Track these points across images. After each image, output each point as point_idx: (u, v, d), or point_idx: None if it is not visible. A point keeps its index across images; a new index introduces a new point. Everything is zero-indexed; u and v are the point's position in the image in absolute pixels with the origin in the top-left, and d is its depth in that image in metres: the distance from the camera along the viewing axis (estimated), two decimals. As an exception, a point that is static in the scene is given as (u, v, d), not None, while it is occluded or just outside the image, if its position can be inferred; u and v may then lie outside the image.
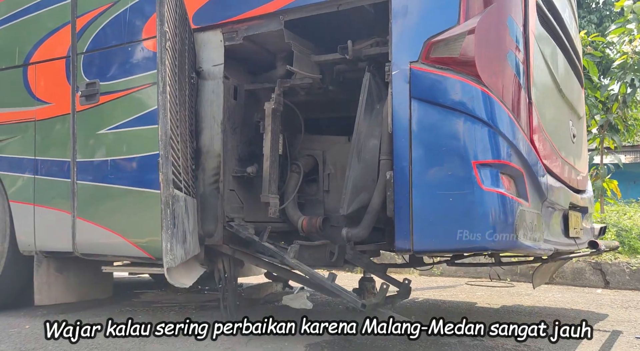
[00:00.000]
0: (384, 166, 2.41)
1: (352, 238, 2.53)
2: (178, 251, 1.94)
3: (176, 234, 1.91)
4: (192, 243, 2.41)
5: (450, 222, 2.11)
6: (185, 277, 2.15)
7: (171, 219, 1.85)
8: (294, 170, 3.12)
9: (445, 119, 2.16)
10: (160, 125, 1.96)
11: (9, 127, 3.49)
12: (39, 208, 3.33)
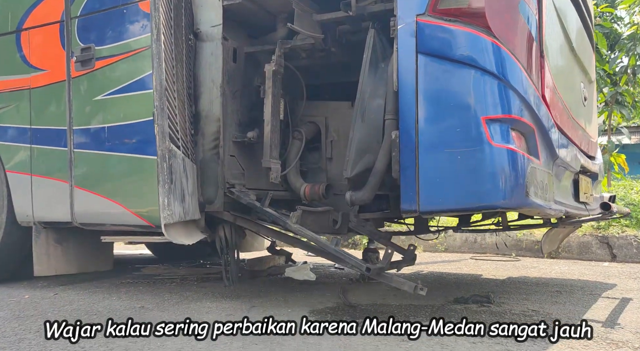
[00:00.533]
0: (389, 126, 2.32)
1: (356, 202, 2.45)
2: (176, 208, 1.87)
3: (174, 191, 1.84)
4: (192, 206, 2.34)
5: (458, 180, 2.03)
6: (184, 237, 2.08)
7: (168, 174, 1.77)
8: (296, 137, 3.04)
9: (454, 73, 2.07)
10: (155, 75, 1.88)
11: (4, 96, 3.41)
12: (36, 178, 3.26)
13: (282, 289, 3.24)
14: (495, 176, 1.96)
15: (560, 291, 3.17)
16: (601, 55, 6.16)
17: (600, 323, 2.30)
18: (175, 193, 1.88)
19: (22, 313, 2.52)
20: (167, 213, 1.78)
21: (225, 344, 1.91)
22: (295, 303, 2.72)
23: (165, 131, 1.81)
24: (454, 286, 3.36)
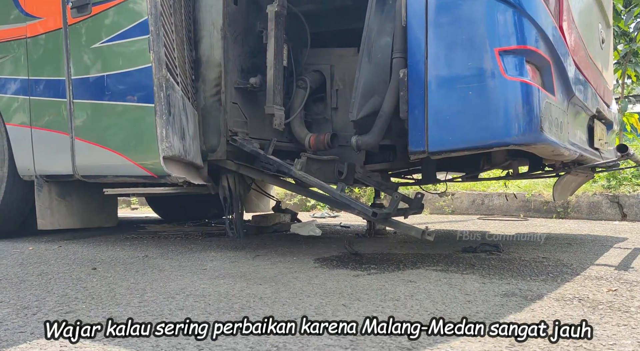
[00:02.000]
0: (397, 64, 2.22)
1: (362, 146, 2.37)
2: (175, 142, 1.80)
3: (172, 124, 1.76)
4: (194, 148, 2.26)
5: (469, 117, 1.94)
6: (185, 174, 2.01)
7: (165, 105, 1.69)
8: (300, 85, 2.94)
9: (466, 2, 1.95)
10: None
11: (0, 47, 3.32)
12: (36, 131, 3.20)
13: (288, 242, 3.21)
14: (508, 110, 1.87)
15: (570, 243, 3.11)
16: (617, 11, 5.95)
17: (614, 267, 2.24)
18: (174, 127, 1.81)
19: (25, 261, 2.50)
20: (166, 145, 1.71)
21: (230, 285, 1.87)
22: (300, 253, 2.68)
23: (161, 58, 1.72)
24: (462, 241, 3.30)
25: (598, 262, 2.39)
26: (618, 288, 1.81)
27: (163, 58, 1.74)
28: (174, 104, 1.82)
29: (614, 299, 1.64)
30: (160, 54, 1.72)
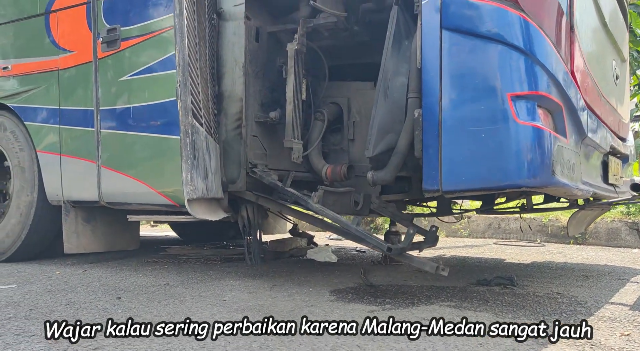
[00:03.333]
0: (412, 104, 2.29)
1: (378, 181, 2.44)
2: (199, 184, 1.89)
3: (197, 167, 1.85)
4: (215, 184, 2.36)
5: (482, 159, 1.99)
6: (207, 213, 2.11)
7: (191, 149, 1.79)
8: (318, 118, 3.03)
9: (480, 49, 2.02)
10: (178, 50, 1.89)
11: (34, 77, 3.49)
12: (65, 158, 3.34)
13: (304, 270, 3.27)
14: (520, 154, 1.92)
15: (586, 275, 3.11)
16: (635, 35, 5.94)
17: (629, 307, 2.25)
18: (198, 169, 1.90)
19: (53, 287, 2.60)
20: (190, 188, 1.80)
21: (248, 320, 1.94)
22: (316, 283, 2.74)
23: (188, 106, 1.83)
24: (477, 270, 3.33)
25: (613, 300, 2.40)
26: (631, 332, 1.83)
27: (189, 106, 1.84)
28: (198, 147, 1.92)
29: (626, 345, 1.67)
30: (187, 102, 1.82)
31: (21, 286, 2.62)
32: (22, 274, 3.03)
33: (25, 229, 3.44)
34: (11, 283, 2.71)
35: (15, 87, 3.57)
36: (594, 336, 1.74)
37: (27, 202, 3.46)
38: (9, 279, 2.85)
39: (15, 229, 3.46)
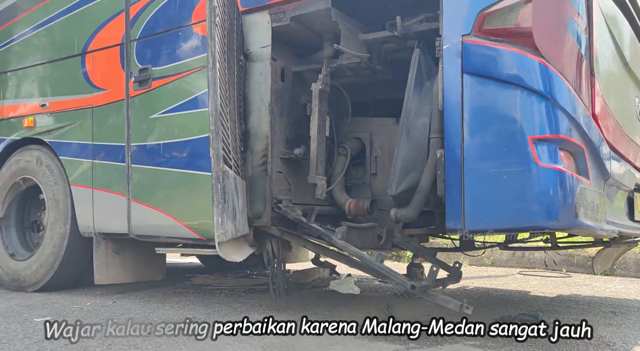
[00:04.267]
0: (434, 144, 2.35)
1: (401, 219, 2.48)
2: (228, 227, 1.97)
3: (226, 210, 1.93)
4: (242, 222, 2.43)
5: (505, 200, 2.02)
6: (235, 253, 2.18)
7: (222, 194, 1.87)
8: (341, 153, 3.10)
9: (500, 93, 2.07)
10: (211, 101, 1.99)
11: (70, 114, 3.65)
12: (97, 191, 3.47)
13: (327, 302, 3.29)
14: (542, 196, 1.95)
15: (614, 311, 3.06)
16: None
17: (657, 349, 2.22)
18: (227, 212, 1.98)
19: (85, 319, 2.68)
20: (221, 231, 1.88)
21: None
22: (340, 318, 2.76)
23: (219, 153, 1.92)
24: (501, 303, 3.30)
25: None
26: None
27: (221, 153, 1.93)
28: (228, 191, 2.01)
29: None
30: (219, 150, 1.91)
31: (54, 318, 2.71)
32: (55, 305, 3.13)
33: (58, 260, 3.56)
34: (45, 316, 2.80)
35: (51, 124, 3.74)
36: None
37: (60, 234, 3.58)
38: (43, 311, 2.95)
39: (49, 260, 3.58)
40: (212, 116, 1.96)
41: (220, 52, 2.14)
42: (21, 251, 3.90)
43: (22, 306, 3.12)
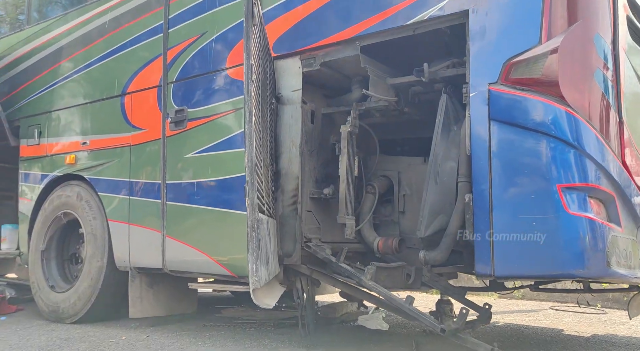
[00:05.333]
0: (462, 188, 2.38)
1: (430, 262, 2.50)
2: (262, 273, 2.03)
3: (260, 257, 2.00)
4: (274, 264, 2.50)
5: (534, 247, 2.03)
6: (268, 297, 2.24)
7: (256, 242, 1.94)
8: (369, 191, 3.15)
9: (527, 141, 2.10)
10: (247, 152, 2.08)
11: (109, 152, 3.82)
12: (133, 227, 3.60)
13: (356, 339, 3.31)
14: (573, 244, 1.95)
15: (652, 355, 2.98)
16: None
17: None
18: (261, 258, 2.05)
19: (120, 355, 2.77)
20: (255, 278, 1.95)
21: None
22: (369, 358, 2.78)
23: (254, 203, 2.00)
24: (533, 344, 3.25)
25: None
26: None
27: (256, 202, 2.01)
28: (262, 237, 2.08)
29: None
30: (254, 199, 2.00)
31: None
32: (91, 338, 3.23)
33: (95, 293, 3.68)
34: (85, 350, 2.90)
35: (91, 161, 3.92)
36: None
37: (97, 267, 3.71)
38: (81, 345, 3.06)
39: (86, 293, 3.71)
40: (248, 167, 2.05)
41: (256, 105, 2.24)
42: (60, 283, 4.04)
43: (62, 339, 3.23)
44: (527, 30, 2.16)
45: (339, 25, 2.76)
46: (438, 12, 2.42)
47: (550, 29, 2.12)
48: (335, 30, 2.78)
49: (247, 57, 2.10)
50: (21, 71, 4.62)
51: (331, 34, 2.80)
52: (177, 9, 3.51)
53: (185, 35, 3.45)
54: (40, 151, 4.34)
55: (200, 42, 3.36)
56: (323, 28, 2.83)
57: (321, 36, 2.84)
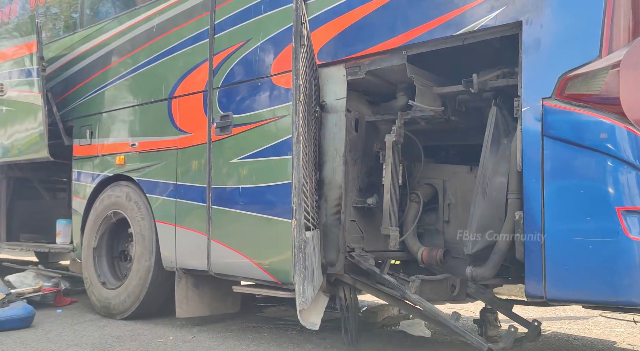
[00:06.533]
0: (512, 205, 2.31)
1: (477, 278, 2.46)
2: (308, 292, 2.04)
3: (307, 276, 2.01)
4: (318, 277, 2.51)
5: (590, 271, 1.96)
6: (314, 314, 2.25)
7: (303, 262, 1.95)
8: (413, 199, 3.11)
9: (584, 160, 2.01)
10: (294, 173, 2.09)
11: (156, 155, 3.92)
12: (179, 229, 3.69)
13: (399, 347, 3.29)
14: (634, 271, 1.87)
15: None
16: None
17: None
18: (308, 278, 2.06)
19: (169, 356, 2.87)
20: (302, 299, 1.96)
21: None
22: (412, 369, 2.76)
23: (302, 224, 2.00)
24: None
25: None
26: None
27: (303, 222, 2.02)
28: (308, 256, 2.09)
29: None
30: (301, 220, 2.00)
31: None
32: (141, 337, 3.36)
33: (144, 291, 3.82)
34: (135, 349, 3.02)
35: (139, 162, 4.04)
36: None
37: (145, 267, 3.84)
38: (132, 344, 3.18)
39: (135, 291, 3.85)
40: (295, 188, 2.05)
41: (303, 124, 2.23)
42: (111, 279, 4.21)
43: (114, 336, 3.37)
44: (585, 43, 2.06)
45: (386, 34, 2.71)
46: (489, 22, 2.33)
47: (611, 42, 2.01)
48: (381, 39, 2.73)
49: (295, 78, 2.09)
50: (74, 72, 4.79)
51: (377, 42, 2.75)
52: (222, 14, 3.54)
53: (231, 41, 3.47)
54: (91, 151, 4.50)
55: (246, 49, 3.38)
56: (369, 36, 2.79)
57: (367, 45, 2.80)
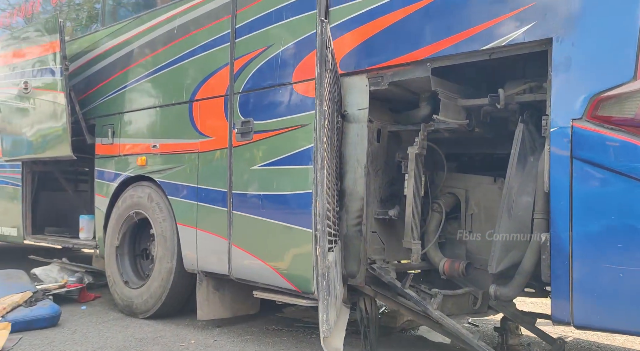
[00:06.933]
0: (538, 225, 2.27)
1: (501, 298, 2.43)
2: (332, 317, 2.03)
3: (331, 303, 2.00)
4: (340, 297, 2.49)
5: (621, 300, 1.92)
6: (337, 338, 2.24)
7: (326, 289, 1.94)
8: (435, 209, 3.08)
9: (616, 184, 1.96)
10: (318, 200, 2.06)
11: (177, 157, 3.94)
12: (200, 232, 3.72)
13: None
14: (665, 303, 1.82)
15: None
16: None
17: None
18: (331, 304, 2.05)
19: (191, 362, 2.91)
20: (326, 327, 1.95)
21: None
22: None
23: (325, 250, 1.99)
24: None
25: None
26: None
27: (327, 249, 2.01)
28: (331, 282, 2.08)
29: None
30: (325, 248, 1.99)
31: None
32: (163, 340, 3.42)
33: (165, 292, 3.88)
34: (157, 354, 3.09)
35: (161, 164, 4.06)
36: None
37: (167, 268, 3.89)
38: (154, 347, 3.24)
39: (157, 292, 3.92)
40: (319, 216, 2.03)
41: (328, 150, 2.19)
42: (133, 278, 4.28)
43: (137, 339, 3.44)
44: (619, 63, 1.98)
45: (410, 46, 2.65)
46: (518, 38, 2.26)
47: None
48: (405, 50, 2.68)
49: (319, 103, 2.06)
50: (96, 71, 4.82)
51: (401, 54, 2.70)
52: (244, 19, 3.50)
53: (252, 46, 3.44)
54: (113, 150, 4.54)
55: (267, 54, 3.34)
56: (392, 47, 2.73)
57: (390, 56, 2.74)
